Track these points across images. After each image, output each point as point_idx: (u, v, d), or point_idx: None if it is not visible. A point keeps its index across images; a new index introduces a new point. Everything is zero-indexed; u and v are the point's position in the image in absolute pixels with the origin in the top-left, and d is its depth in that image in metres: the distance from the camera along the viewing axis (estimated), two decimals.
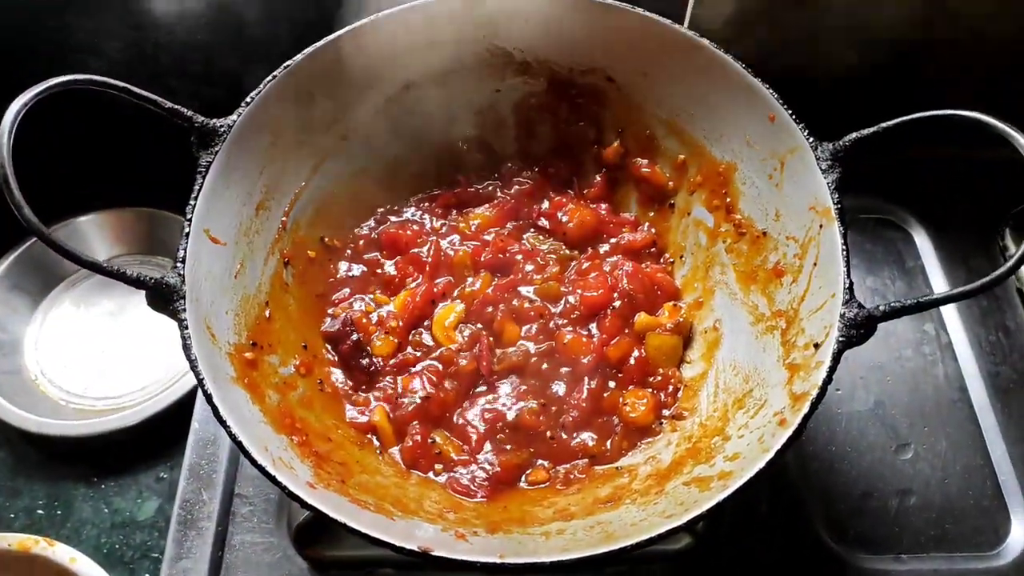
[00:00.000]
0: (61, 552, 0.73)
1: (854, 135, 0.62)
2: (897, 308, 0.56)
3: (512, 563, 0.50)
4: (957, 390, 0.82)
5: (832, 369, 0.56)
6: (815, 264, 0.63)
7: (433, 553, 0.50)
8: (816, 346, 0.59)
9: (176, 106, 0.62)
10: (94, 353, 0.93)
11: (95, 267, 0.56)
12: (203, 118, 0.63)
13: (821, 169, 0.63)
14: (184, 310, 0.57)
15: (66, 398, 0.90)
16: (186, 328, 0.56)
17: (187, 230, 0.61)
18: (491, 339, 0.73)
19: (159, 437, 0.86)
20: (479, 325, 0.74)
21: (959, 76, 0.92)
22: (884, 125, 0.61)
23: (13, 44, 0.87)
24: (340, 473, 0.60)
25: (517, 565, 0.50)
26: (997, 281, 0.55)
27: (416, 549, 0.50)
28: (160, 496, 0.85)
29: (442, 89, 0.79)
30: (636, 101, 0.78)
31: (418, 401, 0.69)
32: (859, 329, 0.57)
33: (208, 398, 0.54)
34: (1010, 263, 0.54)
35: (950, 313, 0.87)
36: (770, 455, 0.53)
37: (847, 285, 0.59)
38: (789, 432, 0.54)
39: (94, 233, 0.99)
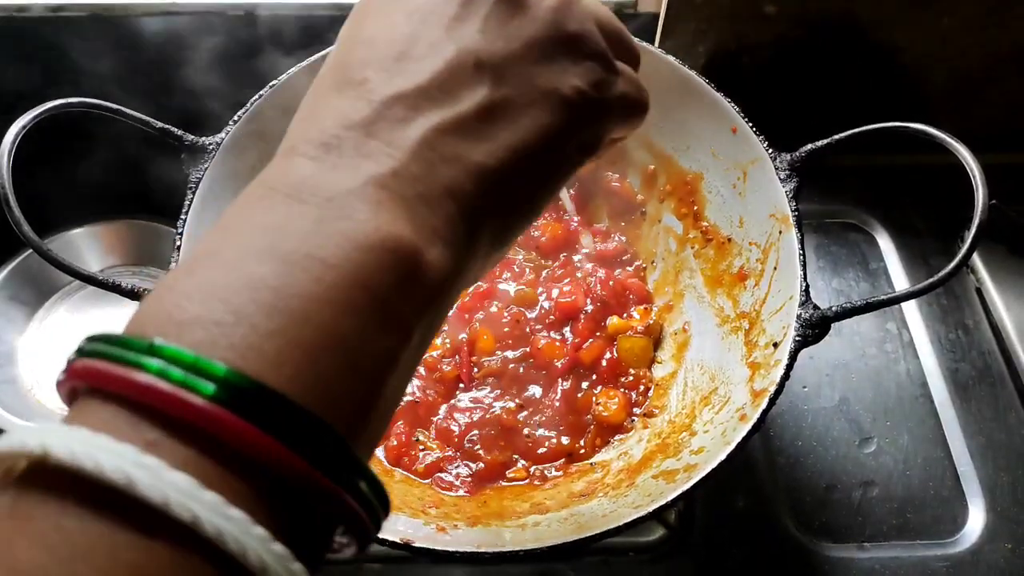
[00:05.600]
0: None
1: (808, 147, 0.66)
2: (848, 308, 0.60)
3: (489, 552, 0.54)
4: (919, 386, 0.86)
5: (789, 367, 0.59)
6: (775, 268, 0.67)
7: (415, 544, 0.54)
8: (775, 345, 0.62)
9: (167, 126, 0.65)
10: None
11: (91, 280, 0.59)
12: (192, 136, 0.67)
13: (780, 178, 0.67)
14: None
15: (61, 407, 0.92)
16: None
17: (179, 243, 0.64)
18: (470, 345, 0.76)
19: None
20: (460, 334, 0.77)
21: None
22: (836, 137, 0.65)
23: (4, 64, 0.90)
24: None
25: (493, 554, 0.53)
26: (940, 282, 0.59)
27: (398, 541, 0.53)
28: None
29: None
30: None
31: (403, 403, 0.72)
32: (814, 329, 0.61)
33: None
34: (951, 266, 0.58)
35: (912, 312, 0.91)
36: (731, 448, 0.56)
37: (804, 288, 0.62)
38: (749, 426, 0.57)
39: (86, 245, 1.01)
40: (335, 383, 0.24)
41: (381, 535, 0.53)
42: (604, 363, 0.75)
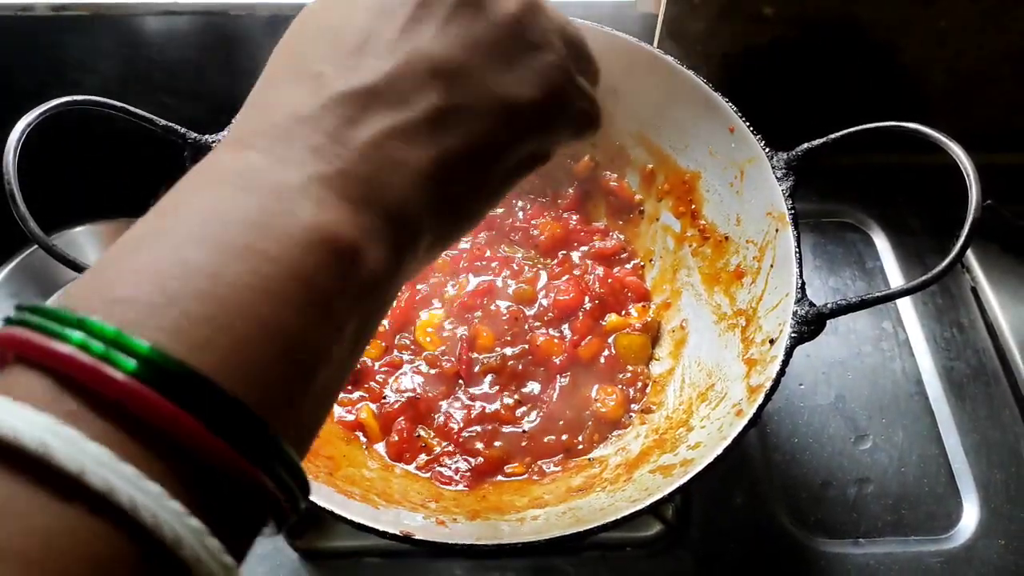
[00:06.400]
0: None
1: (805, 145, 0.67)
2: (844, 305, 0.61)
3: (488, 544, 0.54)
4: (914, 384, 0.87)
5: (785, 362, 0.60)
6: (772, 266, 0.68)
7: (415, 537, 0.54)
8: (771, 342, 0.63)
9: (171, 124, 0.66)
10: None
11: None
12: (196, 135, 0.67)
13: (776, 177, 0.67)
14: None
15: None
16: None
17: None
18: (469, 342, 0.76)
19: None
20: (459, 330, 0.78)
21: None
22: (832, 136, 0.66)
23: (8, 62, 0.91)
24: (328, 466, 0.64)
25: (492, 546, 0.54)
26: (933, 279, 0.59)
27: (399, 534, 0.54)
28: None
29: None
30: (608, 115, 0.82)
31: (404, 400, 0.73)
32: (810, 325, 0.61)
33: None
34: (944, 264, 0.59)
35: (907, 311, 0.92)
36: (727, 443, 0.57)
37: (799, 285, 0.63)
38: (745, 421, 0.58)
39: (89, 243, 1.02)
40: (263, 371, 0.25)
41: (382, 527, 0.54)
42: (602, 360, 0.76)
